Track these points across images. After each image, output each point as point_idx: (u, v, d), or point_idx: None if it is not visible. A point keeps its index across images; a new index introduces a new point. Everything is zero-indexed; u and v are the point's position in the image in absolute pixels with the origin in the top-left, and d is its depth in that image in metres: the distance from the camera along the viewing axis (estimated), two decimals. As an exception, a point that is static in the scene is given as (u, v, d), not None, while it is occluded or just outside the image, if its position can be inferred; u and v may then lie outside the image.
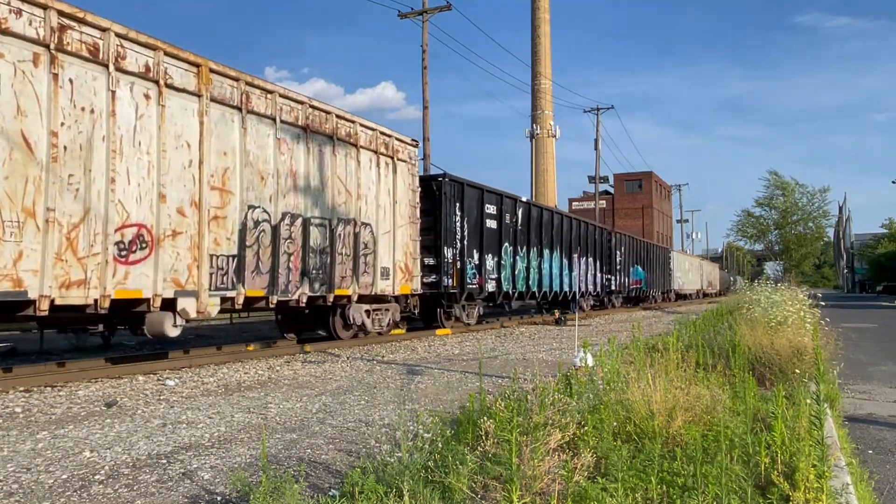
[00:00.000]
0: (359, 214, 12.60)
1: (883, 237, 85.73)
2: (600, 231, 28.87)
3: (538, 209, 21.66)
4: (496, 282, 18.09)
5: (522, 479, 3.20)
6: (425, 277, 15.21)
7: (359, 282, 12.50)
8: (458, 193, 16.31)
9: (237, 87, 9.92)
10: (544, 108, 50.04)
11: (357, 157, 12.61)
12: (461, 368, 9.47)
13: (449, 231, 15.70)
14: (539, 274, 21.20)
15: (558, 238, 23.03)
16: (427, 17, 24.52)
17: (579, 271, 25.03)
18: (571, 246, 24.25)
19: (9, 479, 4.12)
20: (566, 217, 24.74)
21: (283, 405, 6.65)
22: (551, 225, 22.56)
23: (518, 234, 19.67)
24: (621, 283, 30.68)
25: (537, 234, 21.19)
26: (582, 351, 5.90)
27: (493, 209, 18.09)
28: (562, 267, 23.23)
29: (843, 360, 8.91)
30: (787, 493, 3.24)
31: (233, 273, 9.62)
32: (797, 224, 68.22)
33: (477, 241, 17.07)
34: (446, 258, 15.57)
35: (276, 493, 3.10)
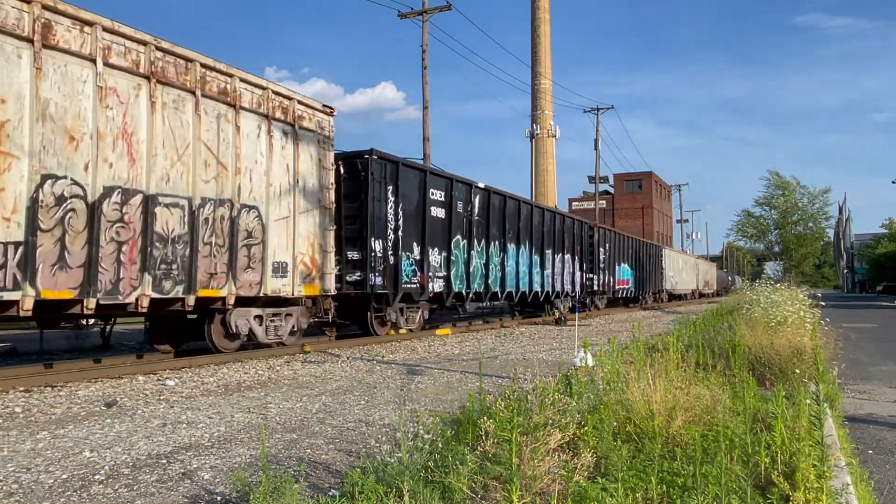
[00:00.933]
0: (237, 194, 9.92)
1: (883, 237, 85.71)
2: (580, 225, 25.92)
3: (500, 198, 18.67)
4: (444, 280, 15.60)
5: (522, 479, 3.20)
6: (349, 275, 13.01)
7: (237, 280, 9.87)
8: (391, 175, 13.72)
9: (27, 10, 7.28)
10: (544, 108, 50.04)
11: (236, 120, 9.92)
12: (461, 368, 9.47)
13: (377, 220, 13.15)
14: (502, 272, 18.47)
15: (527, 232, 20.24)
16: (427, 17, 24.52)
17: (554, 269, 22.34)
18: (544, 241, 21.50)
19: (9, 479, 4.12)
20: (537, 208, 21.61)
21: (283, 405, 6.65)
22: (518, 216, 19.62)
23: (474, 226, 17.01)
24: (605, 282, 27.98)
25: (500, 226, 18.51)
26: (582, 351, 5.90)
27: (441, 195, 15.53)
28: (531, 264, 20.47)
29: (843, 360, 8.92)
30: (787, 494, 3.25)
31: (15, 267, 7.09)
32: (797, 224, 68.20)
33: (418, 232, 14.59)
34: (374, 252, 13.07)
35: (276, 493, 3.10)
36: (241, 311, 10.32)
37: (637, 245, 34.45)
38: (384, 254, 13.38)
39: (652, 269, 37.51)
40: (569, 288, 24.09)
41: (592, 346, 6.01)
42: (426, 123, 24.56)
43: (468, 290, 16.70)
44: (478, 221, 17.24)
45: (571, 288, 24.42)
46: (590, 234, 27.00)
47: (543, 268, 21.50)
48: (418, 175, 14.86)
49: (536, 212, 21.39)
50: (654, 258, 38.26)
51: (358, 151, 13.35)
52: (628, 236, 33.55)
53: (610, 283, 28.66)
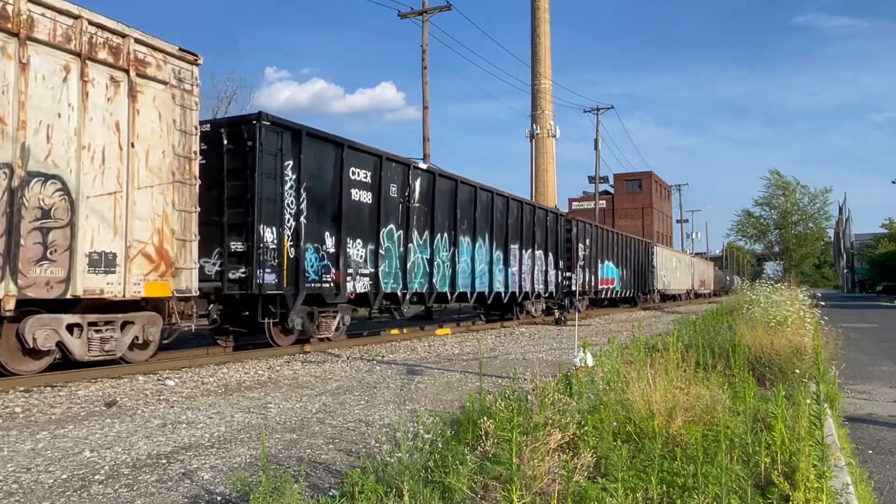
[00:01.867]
0: (22, 158, 7.20)
1: (883, 237, 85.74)
2: (555, 218, 22.83)
3: (450, 182, 15.82)
4: (371, 279, 12.90)
5: (522, 479, 3.20)
6: (232, 272, 10.38)
7: (22, 276, 7.18)
8: (291, 147, 10.94)
9: None
10: (544, 108, 50.05)
11: (21, 55, 7.21)
12: (461, 368, 9.47)
13: (269, 202, 10.48)
14: (452, 269, 15.67)
15: (486, 223, 17.45)
16: (427, 17, 24.52)
17: (521, 267, 19.57)
18: (509, 234, 18.66)
19: (9, 479, 4.12)
20: (499, 196, 18.43)
21: (283, 405, 6.65)
22: (474, 205, 16.80)
23: (414, 214, 14.24)
24: (586, 282, 25.10)
25: (449, 215, 15.70)
26: (582, 351, 5.90)
27: (365, 176, 12.78)
28: (492, 261, 17.63)
29: (843, 360, 8.92)
30: (787, 493, 3.25)
31: None
32: (797, 224, 68.20)
33: (331, 219, 11.92)
34: (264, 242, 10.36)
35: (276, 493, 3.10)
36: (45, 319, 7.69)
37: (624, 241, 31.54)
38: (279, 245, 10.63)
39: (641, 267, 34.87)
40: (541, 288, 21.18)
41: (592, 346, 6.01)
42: (426, 123, 24.56)
43: (405, 291, 13.92)
44: (419, 209, 14.42)
45: (544, 288, 21.53)
46: (567, 227, 24.06)
47: (508, 265, 18.62)
48: (332, 149, 11.98)
49: (499, 201, 18.40)
50: (643, 256, 35.52)
51: (244, 116, 10.82)
52: (613, 231, 30.74)
53: (591, 283, 25.80)
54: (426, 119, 24.62)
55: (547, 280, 21.88)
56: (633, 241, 33.56)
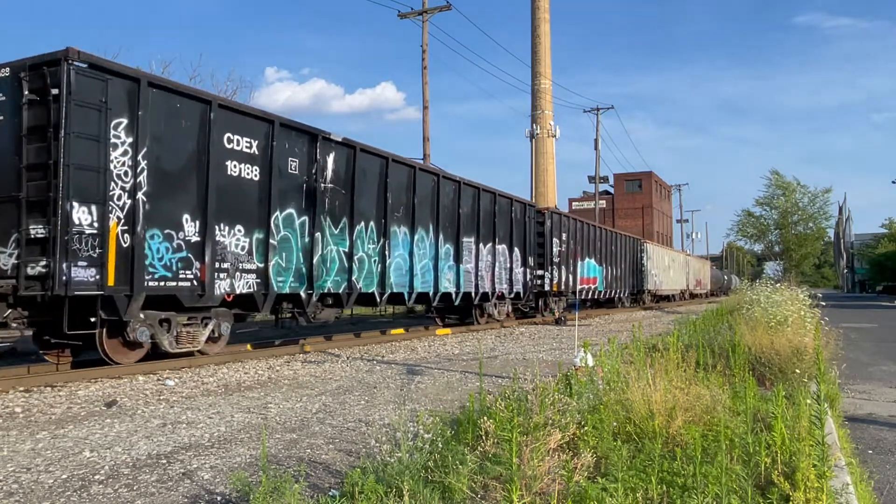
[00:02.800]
0: None
1: (883, 237, 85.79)
2: (523, 209, 19.84)
3: (379, 160, 12.99)
4: (258, 276, 10.15)
5: (522, 479, 3.20)
6: (31, 265, 7.71)
7: None
8: (126, 102, 8.34)
9: None
10: (544, 108, 50.06)
11: None
12: (461, 368, 9.47)
13: (81, 171, 7.77)
14: (381, 265, 12.93)
15: (431, 212, 14.76)
16: (427, 17, 24.52)
17: (479, 264, 16.83)
18: (461, 226, 15.97)
19: (9, 479, 4.12)
20: (449, 181, 15.57)
21: (283, 405, 6.65)
22: (412, 189, 13.99)
23: (326, 198, 11.47)
24: (562, 281, 22.25)
25: (377, 200, 12.92)
26: (582, 351, 5.90)
27: (250, 146, 10.03)
28: (438, 256, 14.84)
29: (843, 360, 8.92)
30: (787, 493, 3.24)
31: None
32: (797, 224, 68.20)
33: (194, 199, 9.17)
34: (77, 226, 7.71)
35: (276, 493, 3.10)
36: None
37: (609, 237, 28.84)
38: (101, 229, 7.96)
39: (629, 265, 32.08)
40: (504, 288, 18.45)
41: (592, 346, 6.01)
42: (426, 123, 24.56)
43: (311, 292, 11.09)
44: (333, 191, 11.66)
45: (509, 287, 18.72)
46: (539, 220, 21.32)
47: (460, 261, 15.82)
48: (196, 109, 9.25)
49: (448, 186, 15.52)
50: (631, 253, 32.77)
51: (47, 55, 7.86)
52: (596, 226, 27.79)
53: (569, 282, 22.94)
54: (426, 119, 24.63)
55: (513, 279, 18.90)
56: (619, 237, 30.72)
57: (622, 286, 30.49)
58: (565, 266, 22.77)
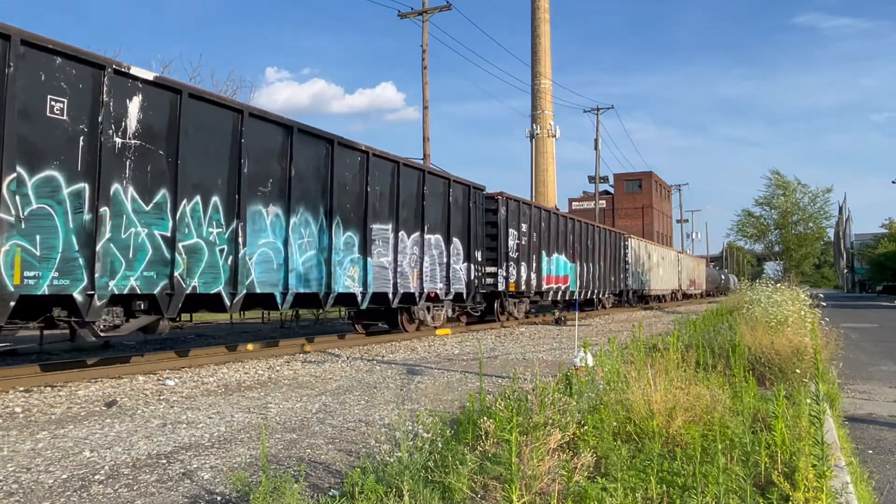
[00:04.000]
0: None
1: (883, 237, 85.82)
2: (465, 192, 16.38)
3: (224, 113, 9.51)
4: None
5: (522, 479, 3.20)
6: None
7: None
8: None
9: None
10: (544, 108, 50.09)
11: None
12: (461, 368, 9.47)
13: None
14: (232, 256, 9.49)
15: (317, 188, 11.30)
16: (427, 17, 24.52)
17: (400, 258, 13.50)
18: (370, 209, 12.57)
19: (9, 479, 4.12)
20: (347, 148, 12.06)
21: (283, 405, 6.65)
22: (287, 158, 10.56)
23: (122, 157, 8.06)
24: (522, 280, 19.16)
25: (225, 167, 9.45)
26: (582, 351, 5.90)
27: None
28: (332, 247, 11.48)
29: (843, 360, 8.92)
30: (787, 493, 3.25)
31: None
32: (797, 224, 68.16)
33: None
34: None
35: (276, 493, 3.10)
36: None
37: (583, 231, 25.34)
38: None
39: (610, 263, 28.88)
40: (439, 287, 15.12)
41: (592, 346, 6.01)
42: (426, 123, 24.56)
43: (93, 293, 7.67)
44: (140, 150, 8.29)
45: (445, 287, 15.33)
46: (490, 208, 17.98)
47: (369, 254, 12.52)
48: None
49: (349, 157, 12.07)
50: (612, 249, 29.41)
51: None
52: (565, 216, 24.12)
53: (530, 281, 19.79)
54: (426, 119, 24.62)
55: (450, 276, 15.47)
56: (596, 230, 27.30)
57: (601, 286, 27.35)
58: (526, 262, 19.52)
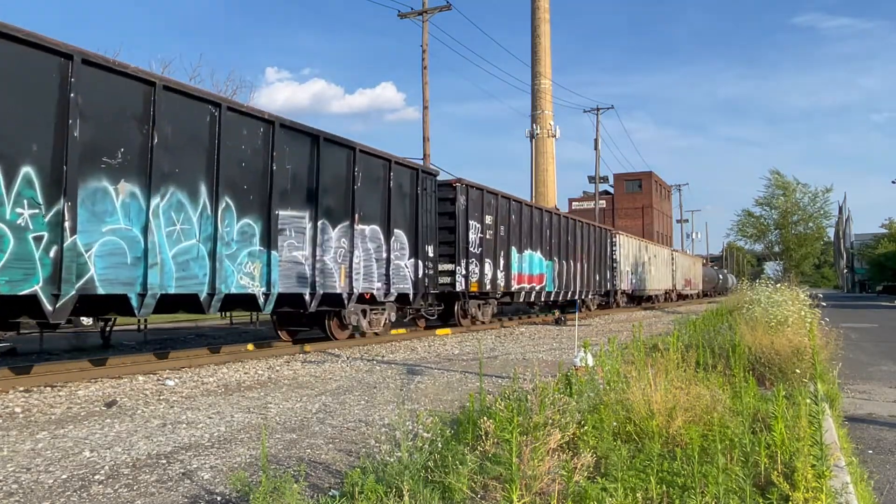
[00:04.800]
0: None
1: (883, 237, 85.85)
2: (412, 177, 14.10)
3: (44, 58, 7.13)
4: None
5: (522, 479, 3.20)
6: None
7: None
8: None
9: None
10: (544, 108, 50.10)
11: None
12: (461, 368, 9.47)
13: None
14: (57, 246, 7.19)
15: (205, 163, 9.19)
16: (427, 17, 24.52)
17: (317, 251, 11.14)
18: (278, 192, 10.33)
19: (9, 479, 4.12)
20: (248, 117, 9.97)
21: (282, 405, 6.65)
22: (149, 122, 8.42)
23: None
24: (487, 279, 17.16)
25: (52, 130, 7.23)
26: (582, 351, 5.90)
27: None
28: (218, 237, 9.26)
29: (843, 360, 8.92)
30: (787, 493, 3.24)
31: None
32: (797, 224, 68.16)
33: None
34: None
35: (276, 493, 3.10)
36: None
37: (563, 225, 23.03)
38: None
39: (595, 261, 26.63)
40: (377, 287, 12.85)
41: (592, 346, 6.01)
42: (426, 123, 24.56)
43: None
44: None
45: (385, 287, 13.04)
46: (447, 196, 15.95)
47: (274, 246, 10.21)
48: None
49: (246, 127, 9.88)
50: (598, 246, 27.17)
51: None
52: (539, 208, 21.69)
53: (496, 280, 17.65)
54: (426, 119, 24.62)
55: (391, 274, 13.17)
56: (577, 225, 24.83)
57: (584, 286, 25.11)
58: (491, 259, 17.48)
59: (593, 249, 26.58)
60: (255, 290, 9.92)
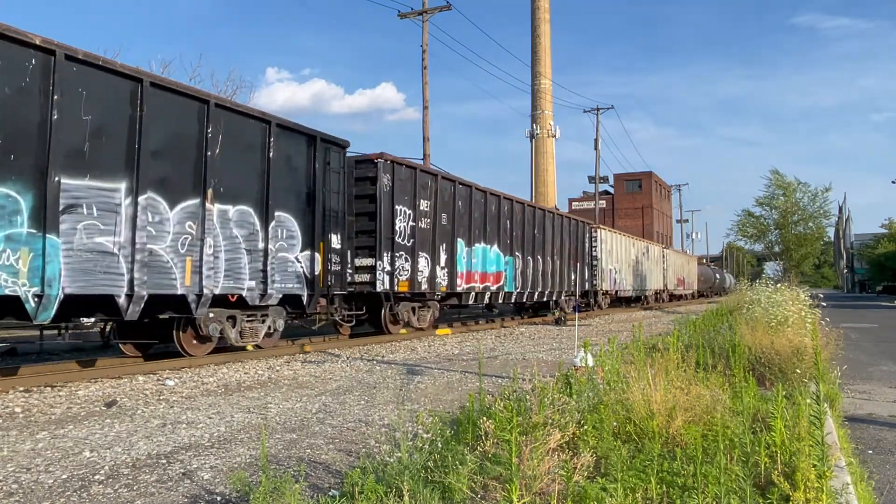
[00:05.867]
0: None
1: (883, 237, 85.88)
2: (308, 146, 11.30)
3: None
4: None
5: (522, 479, 3.20)
6: None
7: None
8: None
9: None
10: (544, 109, 50.08)
11: None
12: (461, 368, 9.47)
13: None
14: None
15: None
16: (427, 17, 24.52)
17: (138, 238, 8.18)
18: (57, 152, 7.28)
19: (9, 479, 4.12)
20: None
21: (282, 405, 6.65)
22: None
23: None
24: (423, 277, 14.43)
25: None
26: (582, 351, 5.90)
27: None
28: None
29: (843, 360, 8.92)
30: (787, 493, 3.24)
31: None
32: (797, 224, 68.12)
33: None
34: None
35: (276, 493, 3.10)
36: None
37: (526, 215, 19.97)
38: None
39: (571, 258, 23.71)
40: (249, 286, 10.02)
41: (592, 346, 6.01)
42: (426, 123, 24.56)
43: None
44: None
45: (262, 286, 10.23)
46: (365, 175, 13.24)
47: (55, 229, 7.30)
48: None
49: None
50: (573, 241, 24.16)
51: None
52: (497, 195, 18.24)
53: (435, 279, 14.85)
54: (426, 119, 24.62)
55: (271, 270, 10.32)
56: (546, 216, 21.72)
57: (556, 285, 22.10)
58: (429, 253, 14.64)
59: (569, 245, 23.68)
60: (19, 291, 7.01)
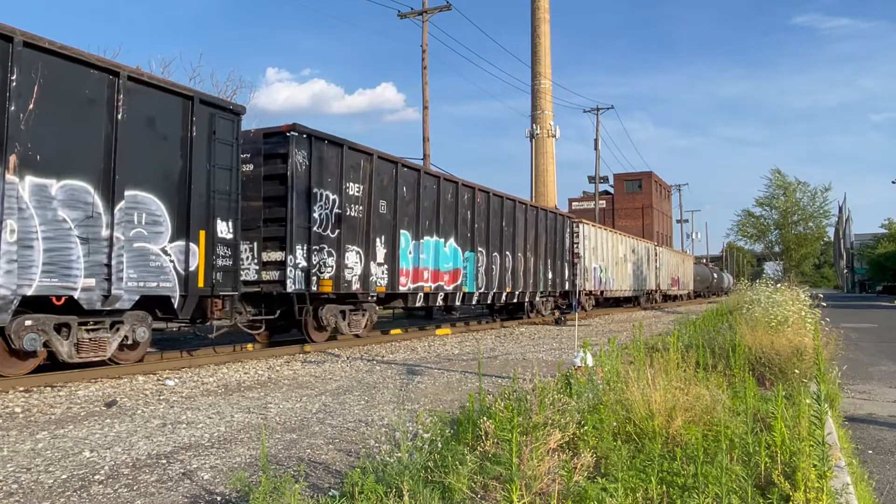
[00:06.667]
0: None
1: (883, 237, 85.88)
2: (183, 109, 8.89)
3: None
4: None
5: (522, 479, 3.20)
6: None
7: None
8: None
9: None
10: (544, 108, 50.07)
11: None
12: (461, 368, 9.47)
13: None
14: None
15: None
16: (427, 17, 24.52)
17: None
18: None
19: (9, 479, 4.12)
20: None
21: (282, 405, 6.65)
22: None
23: None
24: (354, 276, 12.32)
25: None
26: (582, 351, 5.90)
27: None
28: None
29: (843, 360, 8.92)
30: (788, 493, 3.24)
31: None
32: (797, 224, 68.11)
33: None
34: None
35: (276, 493, 3.10)
36: None
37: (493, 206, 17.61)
38: None
39: (547, 254, 21.26)
40: (80, 286, 7.60)
41: (592, 346, 6.01)
42: (426, 123, 24.56)
43: None
44: None
45: (103, 285, 7.86)
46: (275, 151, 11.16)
47: None
48: None
49: None
50: (551, 236, 21.69)
51: None
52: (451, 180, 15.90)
53: (368, 277, 12.68)
54: (426, 119, 24.62)
55: (119, 265, 8.03)
56: (516, 207, 19.10)
57: (528, 285, 19.77)
58: (361, 247, 12.54)
59: (545, 240, 21.06)
60: None
